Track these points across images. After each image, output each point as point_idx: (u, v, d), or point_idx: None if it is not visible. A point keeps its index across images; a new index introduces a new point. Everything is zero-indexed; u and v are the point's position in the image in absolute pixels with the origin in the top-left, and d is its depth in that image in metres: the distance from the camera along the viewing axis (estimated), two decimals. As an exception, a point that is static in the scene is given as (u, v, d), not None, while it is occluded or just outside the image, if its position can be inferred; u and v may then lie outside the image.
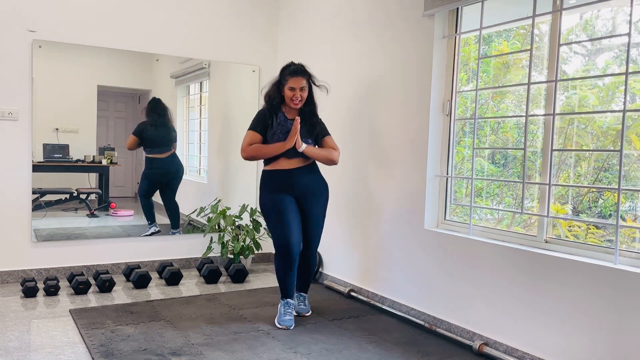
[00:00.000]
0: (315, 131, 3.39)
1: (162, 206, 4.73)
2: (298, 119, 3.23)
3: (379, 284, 3.79)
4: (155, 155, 4.63)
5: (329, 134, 3.46)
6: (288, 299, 3.36)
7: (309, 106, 3.40)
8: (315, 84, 3.39)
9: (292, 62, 3.38)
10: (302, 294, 3.57)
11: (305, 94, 3.32)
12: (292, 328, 3.26)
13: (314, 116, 3.41)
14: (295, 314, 3.46)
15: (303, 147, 3.28)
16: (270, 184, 3.35)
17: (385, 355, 2.88)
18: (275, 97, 3.35)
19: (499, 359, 2.83)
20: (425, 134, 3.40)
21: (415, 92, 3.47)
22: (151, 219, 4.64)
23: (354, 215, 4.04)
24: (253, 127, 3.35)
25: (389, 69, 3.69)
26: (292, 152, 3.31)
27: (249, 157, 3.34)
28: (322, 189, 3.44)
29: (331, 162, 3.39)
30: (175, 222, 4.71)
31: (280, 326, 3.26)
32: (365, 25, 3.91)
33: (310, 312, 3.56)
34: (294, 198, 3.36)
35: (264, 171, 3.40)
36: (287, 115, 3.37)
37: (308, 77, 3.34)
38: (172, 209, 4.72)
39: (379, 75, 3.77)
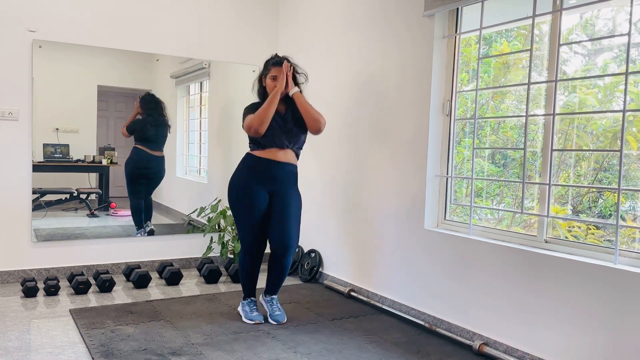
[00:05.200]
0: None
1: (155, 206, 4.73)
2: (286, 63, 3.25)
3: (379, 284, 3.79)
4: (145, 148, 4.58)
5: None
6: (252, 298, 3.39)
7: None
8: (297, 72, 3.35)
9: (275, 54, 3.39)
10: (273, 297, 3.42)
11: (288, 84, 3.28)
12: (263, 322, 3.30)
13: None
14: (274, 322, 3.29)
15: (294, 90, 3.28)
16: (250, 170, 3.29)
17: (385, 355, 2.88)
18: (261, 92, 3.36)
19: (499, 359, 2.83)
20: (425, 134, 3.40)
21: (415, 92, 3.47)
22: (139, 223, 4.59)
23: (353, 215, 4.04)
24: (252, 111, 3.28)
25: (389, 69, 3.69)
26: (287, 143, 3.28)
27: (257, 125, 3.16)
28: (296, 189, 3.41)
29: (316, 122, 3.26)
30: (148, 215, 4.68)
31: (253, 322, 3.28)
32: (365, 26, 3.91)
33: (286, 319, 3.37)
34: (268, 194, 3.31)
35: (248, 154, 3.33)
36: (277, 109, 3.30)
37: (291, 66, 3.30)
38: (146, 205, 4.69)
39: (379, 74, 3.77)
